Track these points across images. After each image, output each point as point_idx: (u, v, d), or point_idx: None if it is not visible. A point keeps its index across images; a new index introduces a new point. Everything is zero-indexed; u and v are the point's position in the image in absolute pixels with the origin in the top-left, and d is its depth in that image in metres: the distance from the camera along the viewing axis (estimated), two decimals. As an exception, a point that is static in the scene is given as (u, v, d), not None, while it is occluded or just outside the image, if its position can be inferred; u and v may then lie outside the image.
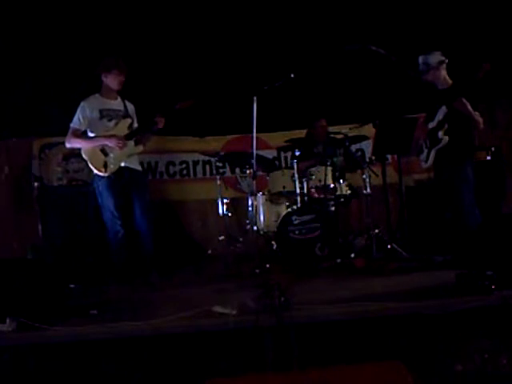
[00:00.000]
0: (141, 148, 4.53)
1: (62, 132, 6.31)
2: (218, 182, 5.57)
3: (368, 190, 5.19)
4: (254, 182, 4.83)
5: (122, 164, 4.39)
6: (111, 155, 4.34)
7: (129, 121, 4.46)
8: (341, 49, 5.36)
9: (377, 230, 5.01)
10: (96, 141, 4.38)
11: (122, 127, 4.43)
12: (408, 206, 5.30)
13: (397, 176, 5.24)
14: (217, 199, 5.56)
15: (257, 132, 4.65)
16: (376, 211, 5.19)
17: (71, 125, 4.40)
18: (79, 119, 4.39)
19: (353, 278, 4.25)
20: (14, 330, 2.98)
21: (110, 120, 4.41)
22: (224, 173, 6.32)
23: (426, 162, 4.57)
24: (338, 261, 4.68)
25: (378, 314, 2.96)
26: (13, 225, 6.05)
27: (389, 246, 4.86)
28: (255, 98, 4.57)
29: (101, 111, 4.39)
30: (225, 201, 5.50)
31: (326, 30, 6.11)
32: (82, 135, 4.43)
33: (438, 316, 2.91)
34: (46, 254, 5.14)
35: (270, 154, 6.42)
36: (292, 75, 4.60)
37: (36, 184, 5.71)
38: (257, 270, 4.41)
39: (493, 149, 5.50)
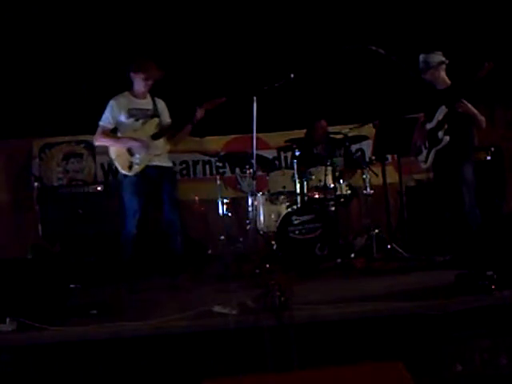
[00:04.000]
0: (168, 147, 4.45)
1: (62, 132, 6.40)
2: (218, 182, 5.57)
3: (368, 189, 5.19)
4: (254, 182, 4.83)
5: (150, 163, 4.33)
6: (137, 155, 4.27)
7: (156, 120, 4.38)
8: (341, 49, 5.37)
9: (377, 230, 5.00)
10: (122, 141, 4.32)
11: (150, 127, 4.35)
12: (408, 206, 5.31)
13: (397, 176, 5.24)
14: (217, 199, 5.55)
15: (257, 132, 4.65)
16: (376, 211, 5.19)
17: (100, 123, 4.34)
18: (108, 118, 4.33)
19: (353, 278, 4.26)
20: (13, 330, 2.98)
21: (137, 120, 4.34)
22: (224, 173, 6.31)
23: (426, 162, 4.57)
24: (338, 261, 4.68)
25: (378, 314, 2.97)
26: (13, 225, 6.05)
27: (389, 246, 4.86)
28: (255, 98, 4.56)
29: (129, 110, 4.32)
30: (225, 201, 5.50)
31: (326, 30, 6.10)
32: (111, 134, 4.38)
33: (438, 316, 2.91)
34: (45, 254, 5.14)
35: (269, 154, 6.42)
36: (292, 75, 4.60)
37: (36, 184, 5.72)
38: (257, 270, 4.41)
39: (493, 149, 5.50)
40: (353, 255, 4.88)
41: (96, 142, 4.48)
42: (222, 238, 5.43)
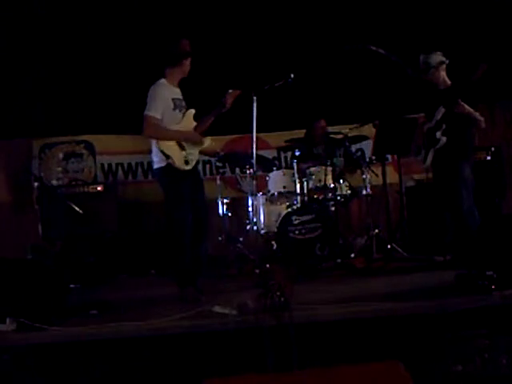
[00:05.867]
0: (209, 141, 4.23)
1: (62, 132, 6.40)
2: (218, 182, 5.57)
3: (368, 190, 5.19)
4: (254, 181, 4.83)
5: (196, 160, 4.12)
6: (188, 150, 4.00)
7: (193, 112, 4.13)
8: (341, 49, 5.37)
9: (377, 230, 5.01)
10: (182, 135, 3.99)
11: (189, 118, 4.10)
12: (408, 206, 5.31)
13: (397, 176, 5.24)
14: (217, 199, 5.55)
15: (257, 132, 4.65)
16: (376, 211, 5.19)
17: (149, 114, 3.88)
18: (157, 107, 3.89)
19: (353, 278, 4.26)
20: (13, 330, 2.98)
21: (180, 111, 4.04)
22: (224, 173, 6.31)
23: (424, 162, 4.57)
24: (338, 261, 4.68)
25: (378, 313, 2.97)
26: (13, 225, 6.05)
27: (389, 246, 4.86)
28: (255, 98, 4.56)
29: (173, 100, 3.99)
30: (225, 201, 5.50)
31: (326, 30, 6.11)
32: (160, 125, 3.95)
33: (438, 316, 2.91)
34: (45, 254, 5.14)
35: (269, 154, 6.41)
36: (292, 75, 4.60)
37: (36, 184, 5.72)
38: (257, 270, 4.41)
39: (493, 149, 5.50)
40: (353, 255, 4.88)
41: (149, 135, 3.98)
42: (222, 237, 5.43)
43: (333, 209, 5.18)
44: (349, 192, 5.27)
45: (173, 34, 6.03)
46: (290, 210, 4.96)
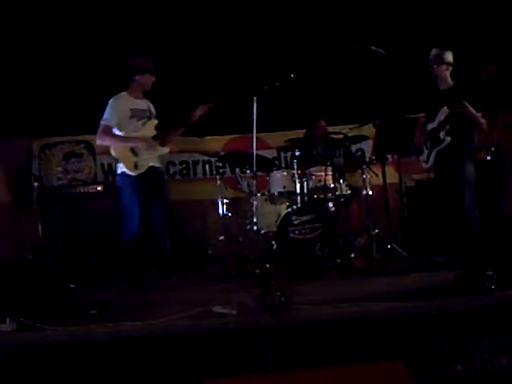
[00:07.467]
0: (167, 149, 4.52)
1: (62, 132, 6.40)
2: (218, 182, 5.56)
3: (368, 190, 5.19)
4: (254, 181, 4.83)
5: (150, 164, 4.37)
6: (141, 156, 4.31)
7: (155, 122, 4.44)
8: (341, 49, 5.37)
9: (377, 230, 5.00)
10: (129, 141, 4.33)
11: (150, 128, 4.40)
12: (408, 206, 5.30)
13: (397, 176, 5.24)
14: (217, 199, 5.56)
15: (257, 132, 4.65)
16: (376, 211, 5.19)
17: (102, 122, 4.30)
18: (112, 116, 4.30)
19: (353, 278, 4.26)
20: (13, 330, 2.98)
21: (138, 120, 4.36)
22: (224, 173, 6.31)
23: (427, 162, 4.57)
24: (338, 261, 4.68)
25: (378, 314, 2.97)
26: (13, 225, 6.04)
27: (389, 246, 4.85)
28: (255, 98, 4.56)
29: (131, 110, 4.33)
30: (225, 201, 5.50)
31: (326, 30, 6.11)
32: (115, 133, 4.34)
33: (438, 316, 2.92)
34: (45, 254, 5.14)
35: (269, 154, 6.41)
36: (292, 75, 4.60)
37: (36, 184, 5.72)
38: (257, 270, 4.41)
39: (493, 149, 5.50)
40: (353, 255, 4.88)
41: (100, 141, 4.40)
42: (222, 238, 5.43)
43: (333, 209, 5.18)
44: (349, 192, 5.27)
45: (173, 34, 6.09)
46: (289, 210, 4.96)
